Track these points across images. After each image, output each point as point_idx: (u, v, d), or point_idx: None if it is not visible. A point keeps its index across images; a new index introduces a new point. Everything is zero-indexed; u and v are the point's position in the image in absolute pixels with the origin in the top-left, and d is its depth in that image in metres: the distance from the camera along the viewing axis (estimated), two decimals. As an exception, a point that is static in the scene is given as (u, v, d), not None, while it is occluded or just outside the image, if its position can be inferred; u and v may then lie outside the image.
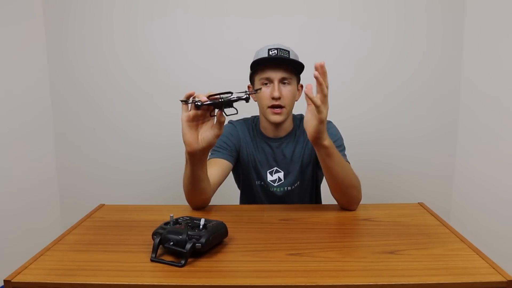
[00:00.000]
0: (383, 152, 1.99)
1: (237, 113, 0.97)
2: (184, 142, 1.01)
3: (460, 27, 1.90)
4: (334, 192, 1.15)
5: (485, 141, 1.83)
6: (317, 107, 0.97)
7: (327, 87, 0.97)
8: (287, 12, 1.90)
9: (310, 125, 1.01)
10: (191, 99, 0.97)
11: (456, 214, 1.98)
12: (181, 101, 0.98)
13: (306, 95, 0.97)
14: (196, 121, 1.00)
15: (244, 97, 0.94)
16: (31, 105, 1.93)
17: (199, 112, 0.98)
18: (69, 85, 1.99)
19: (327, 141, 1.03)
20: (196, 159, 1.03)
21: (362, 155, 1.90)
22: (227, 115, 0.97)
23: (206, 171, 1.10)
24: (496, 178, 1.77)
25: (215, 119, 0.98)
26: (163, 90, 1.96)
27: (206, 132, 1.00)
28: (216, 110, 0.97)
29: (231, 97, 0.94)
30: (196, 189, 1.11)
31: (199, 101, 0.95)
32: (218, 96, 0.95)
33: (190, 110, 0.98)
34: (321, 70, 0.95)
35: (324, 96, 0.97)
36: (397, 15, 1.90)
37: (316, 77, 0.95)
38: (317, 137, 1.02)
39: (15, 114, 1.85)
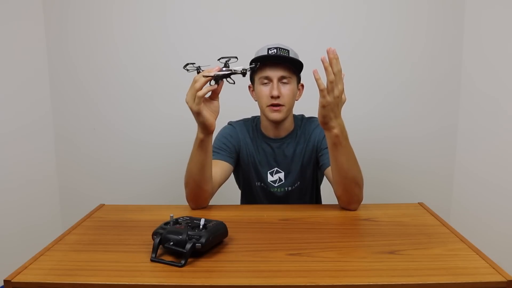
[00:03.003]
0: (383, 152, 1.99)
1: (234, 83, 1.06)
2: (206, 126, 1.05)
3: (460, 26, 1.89)
4: (336, 186, 1.14)
5: (485, 141, 1.83)
6: (319, 90, 0.98)
7: (336, 74, 0.96)
8: (288, 10, 1.89)
9: (318, 108, 1.02)
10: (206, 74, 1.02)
11: (456, 214, 1.98)
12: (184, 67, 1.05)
13: (314, 75, 0.98)
14: (204, 104, 1.04)
15: (238, 72, 1.03)
16: (31, 105, 1.93)
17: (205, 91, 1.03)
18: (69, 85, 1.99)
19: (336, 130, 1.03)
20: (211, 136, 1.09)
21: (362, 155, 1.89)
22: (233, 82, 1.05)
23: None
24: (496, 178, 1.78)
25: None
26: (163, 90, 1.96)
27: (211, 105, 1.07)
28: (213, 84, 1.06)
29: (233, 68, 1.04)
30: (206, 173, 1.13)
31: (219, 74, 1.02)
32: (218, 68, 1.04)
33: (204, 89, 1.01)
34: (330, 55, 0.95)
35: (330, 82, 0.97)
36: (398, 15, 1.90)
37: (321, 60, 0.95)
38: (322, 122, 1.03)
39: (15, 114, 1.85)
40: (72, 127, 2.02)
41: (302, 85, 1.37)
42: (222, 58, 1.05)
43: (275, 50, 1.25)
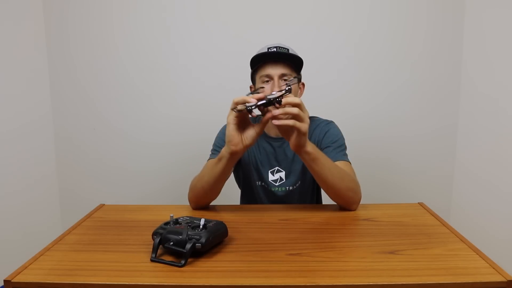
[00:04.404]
0: (383, 152, 1.99)
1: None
2: (229, 142, 1.04)
3: (460, 26, 1.89)
4: (329, 195, 1.15)
5: (485, 141, 1.83)
6: (292, 127, 0.99)
7: (299, 104, 0.98)
8: (288, 10, 1.90)
9: (291, 137, 1.02)
10: (240, 106, 0.99)
11: (456, 214, 1.98)
12: (235, 111, 1.00)
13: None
14: (240, 121, 1.03)
15: (286, 89, 1.00)
16: (31, 105, 1.93)
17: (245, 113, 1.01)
18: (69, 85, 1.99)
19: (309, 147, 1.04)
20: (236, 157, 1.08)
21: (363, 155, 1.91)
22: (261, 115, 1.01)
23: None
24: (496, 178, 1.77)
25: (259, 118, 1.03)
26: (163, 91, 1.96)
27: (249, 131, 1.04)
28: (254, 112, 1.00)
29: (275, 94, 0.98)
30: (217, 187, 1.14)
31: (251, 105, 0.98)
32: (263, 95, 0.99)
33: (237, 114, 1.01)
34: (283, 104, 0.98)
35: (297, 115, 0.97)
36: (398, 15, 1.90)
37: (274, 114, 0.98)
38: (298, 146, 1.03)
39: (15, 114, 1.85)
40: (72, 127, 2.02)
41: (303, 84, 1.38)
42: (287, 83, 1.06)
43: (275, 49, 1.27)
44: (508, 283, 0.74)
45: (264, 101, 0.97)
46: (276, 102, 0.97)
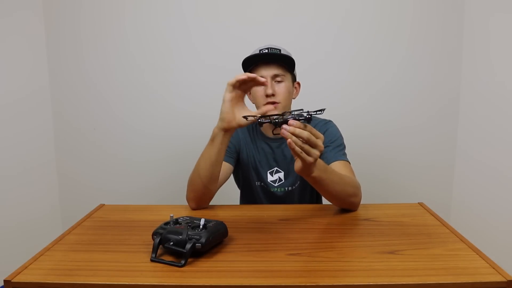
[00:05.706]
0: (383, 150, 1.99)
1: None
2: (223, 119, 1.05)
3: (460, 22, 1.89)
4: (330, 202, 1.14)
5: (486, 140, 1.83)
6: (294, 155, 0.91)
7: (308, 138, 0.87)
8: (288, 9, 1.90)
9: (297, 163, 0.94)
10: (250, 118, 0.99)
11: (456, 212, 1.98)
12: (245, 117, 1.01)
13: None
14: (235, 101, 1.04)
15: (302, 118, 0.89)
16: (31, 103, 1.93)
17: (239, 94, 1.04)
18: (69, 83, 1.99)
19: (315, 173, 0.97)
20: (228, 135, 1.09)
21: (363, 152, 1.91)
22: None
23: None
24: (497, 178, 1.78)
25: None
26: (164, 89, 1.97)
27: (241, 111, 1.04)
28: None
29: (289, 116, 0.90)
30: (214, 172, 1.13)
31: (261, 120, 0.97)
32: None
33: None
34: (289, 129, 0.87)
35: (301, 147, 0.88)
36: (398, 10, 1.90)
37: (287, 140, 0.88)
38: (303, 172, 0.97)
39: (15, 112, 1.85)
40: (71, 126, 2.02)
41: (299, 83, 1.38)
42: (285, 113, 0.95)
43: (266, 50, 1.27)
44: (508, 283, 0.74)
45: (267, 120, 0.93)
46: (279, 123, 0.89)
